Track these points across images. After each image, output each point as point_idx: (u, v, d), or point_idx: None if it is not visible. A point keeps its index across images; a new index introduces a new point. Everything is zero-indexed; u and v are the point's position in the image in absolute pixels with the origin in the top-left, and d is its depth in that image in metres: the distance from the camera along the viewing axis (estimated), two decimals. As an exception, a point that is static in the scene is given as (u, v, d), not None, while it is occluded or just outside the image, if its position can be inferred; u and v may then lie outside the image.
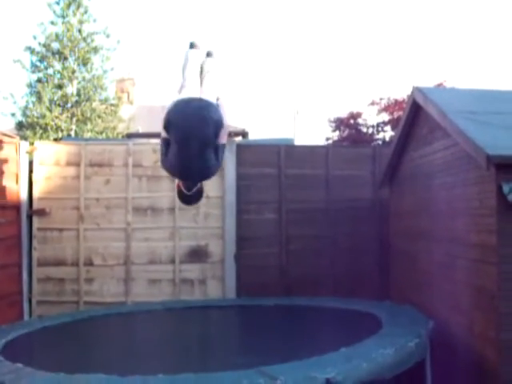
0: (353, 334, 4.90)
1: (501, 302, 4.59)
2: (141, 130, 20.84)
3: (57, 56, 16.68)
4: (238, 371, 4.04)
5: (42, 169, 8.11)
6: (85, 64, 16.99)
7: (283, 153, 8.44)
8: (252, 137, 21.66)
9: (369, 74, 52.02)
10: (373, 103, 17.31)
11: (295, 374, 3.90)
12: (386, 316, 5.57)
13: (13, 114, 16.75)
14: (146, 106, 25.25)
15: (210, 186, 8.05)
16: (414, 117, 6.50)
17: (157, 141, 8.48)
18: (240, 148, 8.44)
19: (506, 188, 4.54)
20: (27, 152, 8.05)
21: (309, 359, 4.21)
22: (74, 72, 16.81)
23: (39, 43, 16.84)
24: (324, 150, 8.70)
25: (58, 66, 16.73)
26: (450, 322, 5.29)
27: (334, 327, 5.63)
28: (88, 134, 16.55)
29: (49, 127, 15.91)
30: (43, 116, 15.98)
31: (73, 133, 16.34)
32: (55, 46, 16.77)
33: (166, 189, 8.14)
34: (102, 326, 6.50)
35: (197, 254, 8.18)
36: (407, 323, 5.18)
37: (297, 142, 12.24)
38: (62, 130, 16.11)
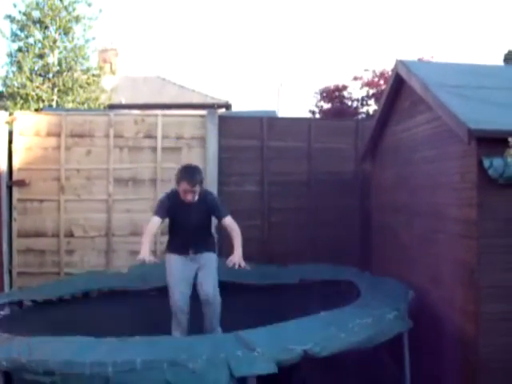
0: (331, 305, 4.90)
1: (480, 276, 4.61)
2: (123, 102, 20.69)
3: (37, 25, 16.48)
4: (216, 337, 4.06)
5: (22, 139, 8.01)
6: (66, 33, 16.81)
7: (265, 125, 8.40)
8: (235, 109, 21.59)
9: (353, 48, 51.93)
10: (355, 78, 17.24)
11: (273, 344, 3.91)
12: (366, 286, 5.60)
13: (-8, 85, 16.60)
14: (128, 77, 25.03)
15: (192, 158, 8.06)
16: (397, 90, 6.46)
17: (139, 112, 8.46)
18: (222, 120, 8.37)
19: (486, 162, 4.54)
20: (6, 122, 7.95)
21: (286, 329, 4.23)
22: (55, 41, 16.62)
23: (19, 11, 16.61)
24: (306, 123, 8.67)
25: (38, 35, 16.54)
26: (431, 295, 5.32)
27: (313, 297, 5.67)
28: (69, 105, 16.42)
29: (29, 97, 15.77)
30: (24, 86, 15.82)
31: (54, 103, 16.19)
32: (36, 14, 16.55)
33: (148, 160, 8.15)
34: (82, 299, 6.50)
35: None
36: (387, 294, 5.20)
37: (280, 115, 12.20)
38: (43, 101, 15.96)
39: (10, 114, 8.22)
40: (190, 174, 5.29)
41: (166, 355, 3.80)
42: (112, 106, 17.52)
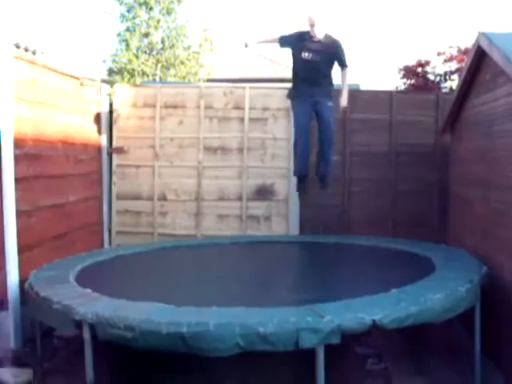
0: (405, 276, 4.57)
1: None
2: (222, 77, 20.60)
3: (143, 6, 16.50)
4: (287, 307, 3.82)
5: (121, 110, 8.04)
6: (169, 14, 16.76)
7: (349, 97, 7.97)
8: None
9: (438, 23, 49.72)
10: (439, 54, 16.26)
11: (343, 313, 3.64)
12: (440, 259, 5.20)
13: (104, 61, 16.81)
14: (227, 55, 25.00)
15: (277, 129, 7.98)
16: (478, 63, 5.91)
17: (228, 84, 8.29)
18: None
19: None
20: (108, 94, 7.96)
21: (358, 299, 3.94)
22: (158, 21, 16.60)
23: (127, -6, 16.67)
24: (388, 96, 8.17)
25: (144, 15, 16.55)
26: (505, 269, 4.86)
27: (388, 268, 5.33)
28: (172, 79, 16.47)
29: (135, 72, 15.88)
30: (130, 62, 15.95)
31: (157, 78, 16.27)
32: (142, -4, 16.57)
33: (236, 130, 8.00)
34: (170, 256, 6.41)
35: (263, 193, 7.97)
36: (460, 268, 4.80)
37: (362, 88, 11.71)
38: (147, 75, 16.05)
39: (111, 87, 8.19)
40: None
41: (238, 319, 3.61)
42: (211, 81, 17.45)
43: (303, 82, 6.24)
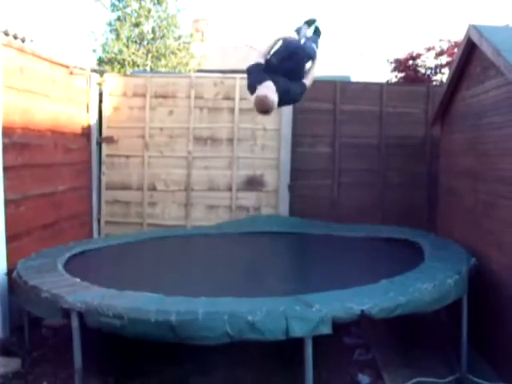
0: (394, 267, 4.59)
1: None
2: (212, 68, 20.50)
3: (134, -4, 16.40)
4: (276, 297, 3.81)
5: (111, 99, 7.98)
6: (160, 3, 16.64)
7: (339, 89, 7.98)
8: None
9: (429, 16, 49.72)
10: (428, 49, 16.15)
11: (332, 303, 3.64)
12: (429, 250, 5.21)
13: (94, 51, 16.68)
14: (218, 46, 24.89)
15: (267, 119, 7.80)
16: (468, 55, 5.91)
17: (218, 75, 8.24)
18: (297, 83, 8.01)
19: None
20: (97, 83, 7.90)
21: (347, 289, 3.94)
22: (149, 11, 16.50)
23: (118, -17, 16.53)
24: (378, 87, 8.16)
25: (135, 5, 16.42)
26: (492, 260, 4.88)
27: (377, 258, 5.35)
28: (162, 69, 16.37)
29: (126, 63, 15.77)
30: (121, 52, 15.83)
31: (148, 68, 16.17)
32: (133, -14, 16.43)
33: (226, 120, 7.96)
34: (159, 246, 6.38)
35: (253, 183, 7.96)
36: (448, 259, 4.80)
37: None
38: (137, 66, 15.94)
39: (100, 76, 8.13)
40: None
41: (227, 308, 3.61)
42: (201, 71, 17.35)
43: None
